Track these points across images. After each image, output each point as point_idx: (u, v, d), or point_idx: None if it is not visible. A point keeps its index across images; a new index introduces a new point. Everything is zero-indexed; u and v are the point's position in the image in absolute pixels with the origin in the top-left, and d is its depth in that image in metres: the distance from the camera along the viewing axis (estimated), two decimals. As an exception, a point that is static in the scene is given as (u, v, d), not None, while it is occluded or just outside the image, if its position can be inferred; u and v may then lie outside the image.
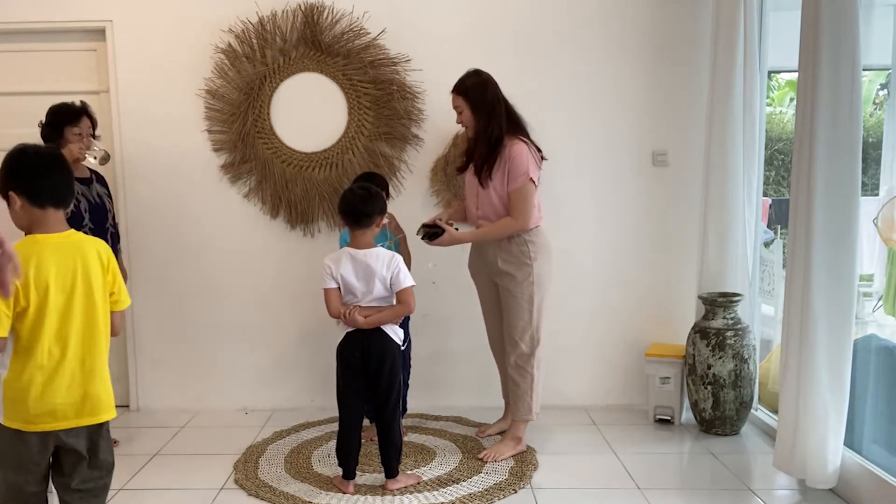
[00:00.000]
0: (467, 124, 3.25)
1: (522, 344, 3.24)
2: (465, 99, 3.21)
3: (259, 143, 3.93)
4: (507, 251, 3.21)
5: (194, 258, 4.02)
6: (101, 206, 3.39)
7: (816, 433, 2.76)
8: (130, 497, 2.96)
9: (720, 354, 3.49)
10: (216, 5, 3.87)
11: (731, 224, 3.65)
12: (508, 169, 3.12)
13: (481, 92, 3.20)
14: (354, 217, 2.86)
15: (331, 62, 3.89)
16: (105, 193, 3.46)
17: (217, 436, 3.70)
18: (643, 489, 2.98)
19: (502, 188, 3.16)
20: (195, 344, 4.09)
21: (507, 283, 3.23)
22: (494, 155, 3.15)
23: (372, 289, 2.85)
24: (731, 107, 3.58)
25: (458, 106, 3.24)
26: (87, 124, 3.29)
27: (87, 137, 3.29)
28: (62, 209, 2.04)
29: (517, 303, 3.23)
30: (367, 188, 2.94)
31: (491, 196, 3.19)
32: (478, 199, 3.24)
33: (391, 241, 3.35)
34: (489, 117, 3.16)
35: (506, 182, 3.14)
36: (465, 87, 3.22)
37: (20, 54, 3.98)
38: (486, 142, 3.17)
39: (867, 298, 3.60)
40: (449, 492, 2.97)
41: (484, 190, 3.20)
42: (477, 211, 3.27)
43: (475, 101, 3.19)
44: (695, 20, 3.86)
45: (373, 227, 2.88)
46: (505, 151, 3.14)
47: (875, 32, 3.15)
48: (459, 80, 3.25)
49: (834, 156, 2.64)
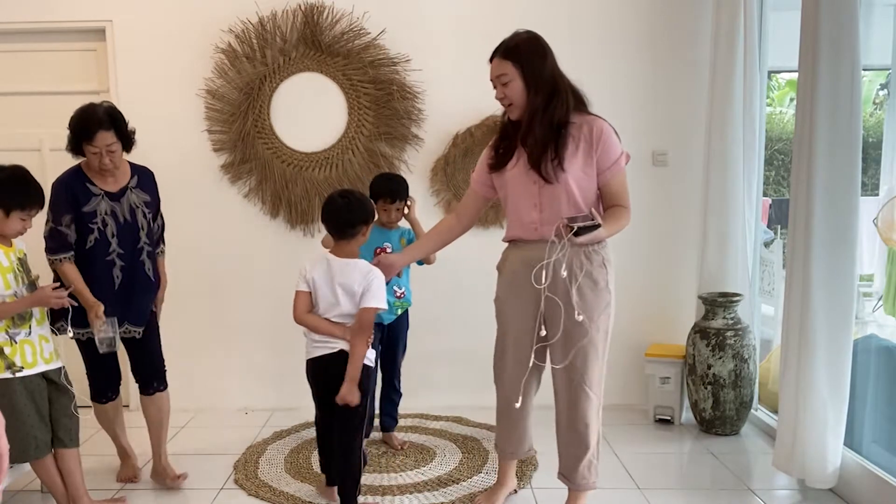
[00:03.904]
0: (514, 100, 2.43)
1: (593, 394, 2.50)
2: (516, 65, 2.40)
3: (259, 143, 3.93)
4: (587, 272, 2.42)
5: (194, 258, 4.01)
6: (133, 222, 2.92)
7: (816, 433, 2.76)
8: (130, 497, 2.96)
9: (720, 354, 3.49)
10: (216, 5, 3.87)
11: (731, 224, 3.65)
12: (600, 148, 2.40)
13: (539, 57, 2.41)
14: (336, 228, 2.63)
15: (331, 62, 3.89)
16: (143, 201, 2.98)
17: (217, 436, 3.70)
18: (643, 489, 2.99)
19: (586, 176, 2.41)
20: (195, 344, 4.09)
21: (580, 315, 2.43)
22: (561, 139, 2.39)
23: (339, 301, 2.58)
24: (731, 107, 3.58)
25: (503, 75, 2.42)
26: (105, 139, 2.76)
27: (106, 156, 2.79)
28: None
29: (592, 342, 2.45)
30: (349, 195, 2.65)
31: (565, 190, 2.40)
32: (540, 198, 2.44)
33: (403, 241, 3.26)
34: (551, 91, 2.40)
35: (594, 165, 2.41)
36: (517, 51, 2.41)
37: (20, 54, 3.98)
38: (546, 123, 2.39)
39: (867, 298, 3.60)
40: (449, 492, 2.97)
41: (551, 185, 2.40)
42: (540, 214, 2.44)
43: (531, 69, 2.39)
44: (695, 20, 3.86)
45: (357, 236, 2.64)
46: (578, 131, 2.41)
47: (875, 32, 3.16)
48: (508, 42, 2.45)
49: (834, 156, 2.64)
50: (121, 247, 2.90)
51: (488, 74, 2.47)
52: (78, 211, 2.82)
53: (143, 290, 2.98)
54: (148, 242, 2.99)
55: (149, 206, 3.00)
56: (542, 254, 2.39)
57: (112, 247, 2.88)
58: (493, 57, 2.46)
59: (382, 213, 3.23)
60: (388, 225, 3.27)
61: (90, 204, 2.84)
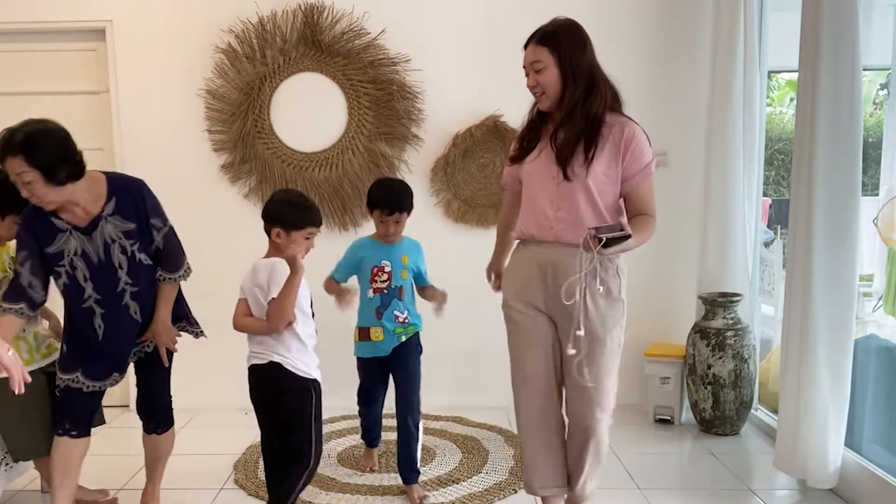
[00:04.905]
0: (547, 89, 2.27)
1: (606, 414, 2.38)
2: (553, 53, 2.24)
3: (259, 143, 3.93)
4: (603, 281, 2.26)
5: (194, 258, 3.96)
6: (107, 262, 2.44)
7: (816, 433, 2.76)
8: (131, 497, 2.96)
9: (720, 354, 3.49)
10: (216, 5, 3.86)
11: (731, 224, 3.65)
12: (630, 154, 2.26)
13: (578, 46, 2.27)
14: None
15: (331, 62, 3.89)
16: (123, 232, 2.45)
17: (217, 436, 3.70)
18: (643, 489, 2.98)
19: (607, 179, 2.26)
20: (195, 344, 4.08)
21: (595, 328, 2.27)
22: (594, 136, 2.25)
23: (262, 302, 2.40)
24: (731, 107, 3.58)
25: (538, 62, 2.26)
26: (13, 166, 2.25)
27: (23, 188, 2.29)
28: None
29: (605, 353, 2.31)
30: (274, 194, 2.57)
31: (584, 190, 2.25)
32: (557, 194, 2.28)
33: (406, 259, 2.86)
34: (590, 83, 2.26)
35: (618, 170, 2.27)
36: (555, 38, 2.26)
37: (20, 54, 3.98)
38: (581, 117, 2.24)
39: (867, 298, 3.60)
40: (449, 492, 2.97)
41: (570, 183, 2.26)
42: (556, 213, 2.29)
43: (569, 58, 2.24)
44: (695, 20, 3.86)
45: (272, 238, 2.45)
46: (609, 131, 2.26)
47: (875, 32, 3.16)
48: (546, 28, 2.30)
49: (834, 156, 2.64)
50: (98, 291, 2.44)
51: (489, 74, 2.45)
52: (40, 252, 2.38)
53: (128, 337, 2.56)
54: (131, 282, 2.48)
55: (131, 235, 2.46)
56: (554, 256, 2.27)
57: (87, 292, 2.43)
58: (529, 43, 2.30)
59: (380, 226, 2.82)
60: (386, 239, 2.84)
61: (55, 243, 2.38)
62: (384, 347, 2.87)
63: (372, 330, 2.87)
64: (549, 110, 2.31)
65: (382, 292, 2.86)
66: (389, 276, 2.85)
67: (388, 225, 2.78)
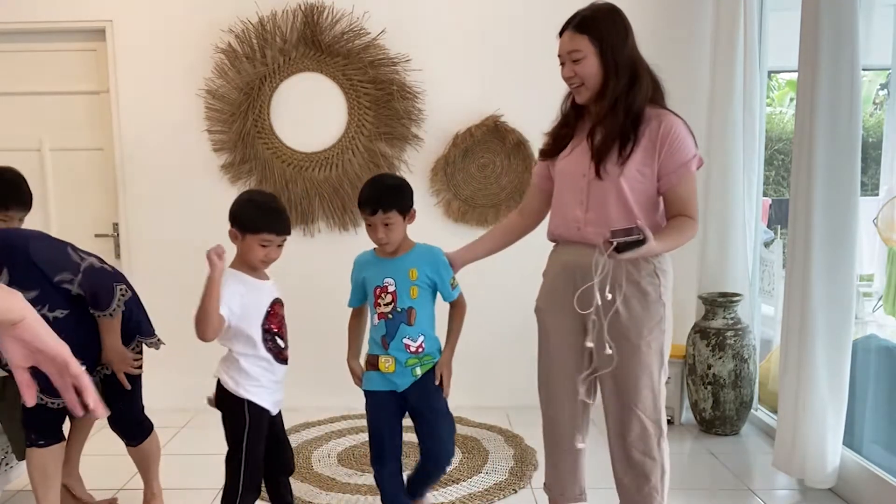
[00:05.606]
0: (586, 79, 2.09)
1: (648, 420, 2.15)
2: (593, 41, 2.07)
3: (259, 143, 3.93)
4: (636, 283, 2.11)
5: (194, 258, 3.96)
6: None
7: (816, 433, 2.76)
8: (130, 497, 2.96)
9: (720, 354, 3.49)
10: (216, 5, 3.87)
11: (731, 224, 3.65)
12: (666, 149, 2.08)
13: (620, 34, 2.10)
14: None
15: (331, 62, 3.89)
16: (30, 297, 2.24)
17: (217, 436, 3.69)
18: (643, 489, 2.98)
19: (641, 176, 2.09)
20: (195, 344, 4.07)
21: (628, 331, 2.12)
22: (634, 132, 2.08)
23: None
24: (731, 107, 3.59)
25: (576, 51, 2.07)
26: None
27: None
28: None
29: (641, 361, 2.12)
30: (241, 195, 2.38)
31: (615, 188, 2.09)
32: (588, 193, 2.14)
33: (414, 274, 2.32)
34: (633, 75, 2.10)
35: (654, 166, 2.09)
36: (595, 24, 2.08)
37: (20, 54, 3.98)
38: (623, 110, 2.08)
39: (867, 298, 3.60)
40: (449, 492, 2.97)
41: (601, 181, 2.10)
42: (585, 213, 2.14)
43: (610, 47, 2.07)
44: (695, 20, 3.86)
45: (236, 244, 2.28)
46: (646, 125, 2.09)
47: (875, 32, 3.16)
48: (585, 13, 2.11)
49: (834, 156, 2.64)
50: None
51: (489, 74, 2.41)
52: None
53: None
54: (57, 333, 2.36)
55: (36, 301, 2.27)
56: (582, 259, 2.11)
57: None
58: (565, 29, 2.11)
59: (368, 231, 2.32)
60: (382, 250, 2.32)
61: None
62: (398, 382, 2.35)
63: (381, 359, 2.34)
64: (586, 103, 2.15)
65: (387, 317, 2.31)
66: (394, 296, 2.30)
67: (375, 228, 2.27)
